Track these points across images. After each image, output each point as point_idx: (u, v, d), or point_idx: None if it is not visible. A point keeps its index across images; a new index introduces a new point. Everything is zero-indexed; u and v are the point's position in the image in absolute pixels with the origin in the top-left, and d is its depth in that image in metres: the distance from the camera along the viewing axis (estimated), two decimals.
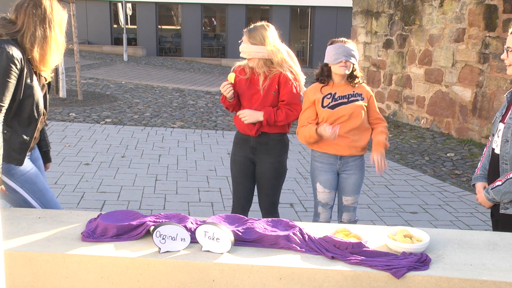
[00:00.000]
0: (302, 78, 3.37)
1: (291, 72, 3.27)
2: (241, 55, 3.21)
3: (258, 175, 3.40)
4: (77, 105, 9.38)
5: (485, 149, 2.87)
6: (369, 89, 3.37)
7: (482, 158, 2.89)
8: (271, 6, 21.30)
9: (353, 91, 3.28)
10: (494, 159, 2.68)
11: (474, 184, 2.89)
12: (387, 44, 9.77)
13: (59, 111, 8.81)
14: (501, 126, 2.63)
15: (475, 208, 5.16)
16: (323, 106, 3.25)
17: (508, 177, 2.51)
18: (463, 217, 4.88)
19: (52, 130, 7.49)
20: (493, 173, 2.68)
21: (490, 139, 2.78)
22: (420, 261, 2.05)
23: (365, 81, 3.42)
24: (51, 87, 9.88)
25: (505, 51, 2.57)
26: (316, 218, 3.46)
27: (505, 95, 2.71)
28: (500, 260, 2.12)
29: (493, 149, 2.70)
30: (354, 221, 3.45)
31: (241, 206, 3.41)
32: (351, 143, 3.24)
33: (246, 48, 3.17)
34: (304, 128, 3.26)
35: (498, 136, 2.64)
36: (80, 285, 2.07)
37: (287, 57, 3.28)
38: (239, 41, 3.25)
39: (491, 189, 2.58)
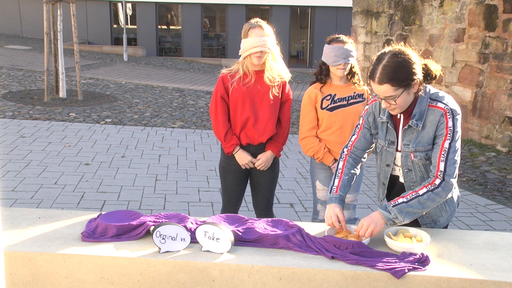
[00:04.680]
0: (287, 76, 3.28)
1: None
2: (255, 49, 3.03)
3: (256, 180, 3.37)
4: (77, 105, 9.38)
5: (342, 163, 2.51)
6: (368, 91, 3.37)
7: (340, 175, 2.48)
8: (271, 6, 21.29)
9: (354, 92, 3.28)
10: (398, 188, 2.47)
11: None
12: (387, 44, 9.76)
13: (59, 111, 8.81)
14: (397, 155, 2.39)
15: (475, 208, 5.16)
16: (322, 108, 3.25)
17: (418, 194, 2.21)
18: (463, 217, 4.88)
19: (52, 130, 7.49)
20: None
21: (345, 154, 2.53)
22: (420, 261, 2.05)
23: (365, 84, 3.40)
24: (51, 87, 9.88)
25: None
26: (315, 216, 3.46)
27: (380, 120, 2.41)
28: (500, 260, 2.11)
29: (394, 176, 2.47)
30: (353, 219, 3.45)
31: (233, 210, 3.40)
32: None
33: (261, 41, 3.03)
34: (316, 148, 3.27)
35: (396, 165, 2.42)
36: (80, 285, 2.07)
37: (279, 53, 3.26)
38: (245, 38, 3.09)
39: (393, 206, 2.21)
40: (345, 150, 2.57)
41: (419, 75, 2.22)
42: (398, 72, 2.16)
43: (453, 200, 2.48)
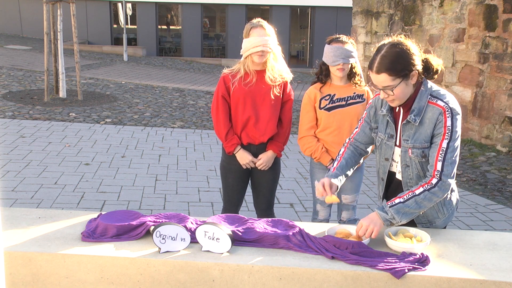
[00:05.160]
0: (289, 76, 3.28)
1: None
2: (256, 49, 3.03)
3: (257, 180, 3.37)
4: (77, 105, 9.38)
5: (343, 150, 2.59)
6: (369, 91, 3.36)
7: (339, 158, 2.54)
8: (271, 6, 21.29)
9: (354, 93, 3.27)
10: (395, 184, 2.47)
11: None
12: None
13: (59, 111, 8.81)
14: (396, 149, 2.40)
15: (475, 208, 5.16)
16: (320, 108, 3.25)
17: (414, 194, 2.21)
18: (463, 217, 4.88)
19: (52, 130, 7.49)
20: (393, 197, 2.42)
21: (348, 143, 2.59)
22: (420, 261, 2.05)
23: (367, 84, 3.40)
24: (51, 87, 9.88)
25: None
26: (315, 216, 3.47)
27: (381, 113, 2.43)
28: (500, 260, 2.11)
29: (392, 173, 2.48)
30: (353, 220, 3.45)
31: (234, 210, 3.40)
32: None
33: (262, 41, 3.03)
34: (313, 148, 3.27)
35: (394, 160, 2.43)
36: (80, 285, 2.07)
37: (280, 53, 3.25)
38: (246, 37, 3.09)
39: (390, 206, 2.21)
40: (347, 140, 2.63)
41: (418, 67, 2.22)
42: (395, 61, 2.17)
43: (452, 203, 2.46)
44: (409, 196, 2.21)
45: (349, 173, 2.53)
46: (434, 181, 2.21)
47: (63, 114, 8.57)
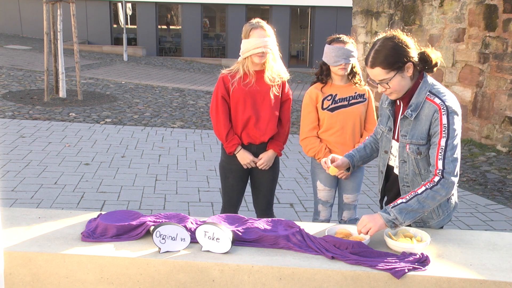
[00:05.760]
0: (286, 76, 3.29)
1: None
2: (257, 50, 3.03)
3: (257, 180, 3.37)
4: (77, 105, 9.38)
5: (367, 137, 2.72)
6: (369, 91, 3.36)
7: (360, 143, 2.72)
8: (271, 6, 21.29)
9: (355, 92, 3.28)
10: (393, 179, 2.48)
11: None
12: None
13: (59, 111, 8.81)
14: (394, 143, 2.42)
15: (475, 208, 5.16)
16: (322, 108, 3.25)
17: (417, 193, 2.19)
18: (463, 217, 4.88)
19: (52, 130, 7.49)
20: (394, 193, 2.47)
21: (367, 139, 2.71)
22: (420, 261, 2.05)
23: (366, 84, 3.40)
24: (51, 87, 9.87)
25: None
26: (316, 216, 3.46)
27: (384, 106, 2.47)
28: (500, 260, 2.11)
29: (390, 166, 2.49)
30: (354, 219, 3.45)
31: (233, 209, 3.40)
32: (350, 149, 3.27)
33: (263, 42, 3.03)
34: (317, 148, 3.28)
35: (392, 154, 2.44)
36: (80, 285, 2.07)
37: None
38: (246, 38, 3.09)
39: (392, 207, 2.19)
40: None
41: (413, 59, 2.23)
42: (388, 55, 2.20)
43: (449, 205, 2.44)
44: (412, 196, 2.19)
45: (366, 155, 2.65)
46: (436, 179, 2.18)
47: (63, 114, 8.57)
